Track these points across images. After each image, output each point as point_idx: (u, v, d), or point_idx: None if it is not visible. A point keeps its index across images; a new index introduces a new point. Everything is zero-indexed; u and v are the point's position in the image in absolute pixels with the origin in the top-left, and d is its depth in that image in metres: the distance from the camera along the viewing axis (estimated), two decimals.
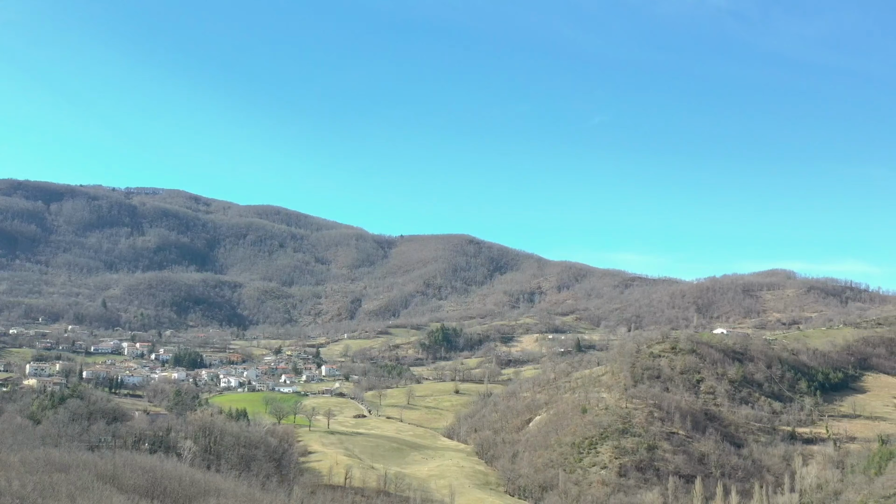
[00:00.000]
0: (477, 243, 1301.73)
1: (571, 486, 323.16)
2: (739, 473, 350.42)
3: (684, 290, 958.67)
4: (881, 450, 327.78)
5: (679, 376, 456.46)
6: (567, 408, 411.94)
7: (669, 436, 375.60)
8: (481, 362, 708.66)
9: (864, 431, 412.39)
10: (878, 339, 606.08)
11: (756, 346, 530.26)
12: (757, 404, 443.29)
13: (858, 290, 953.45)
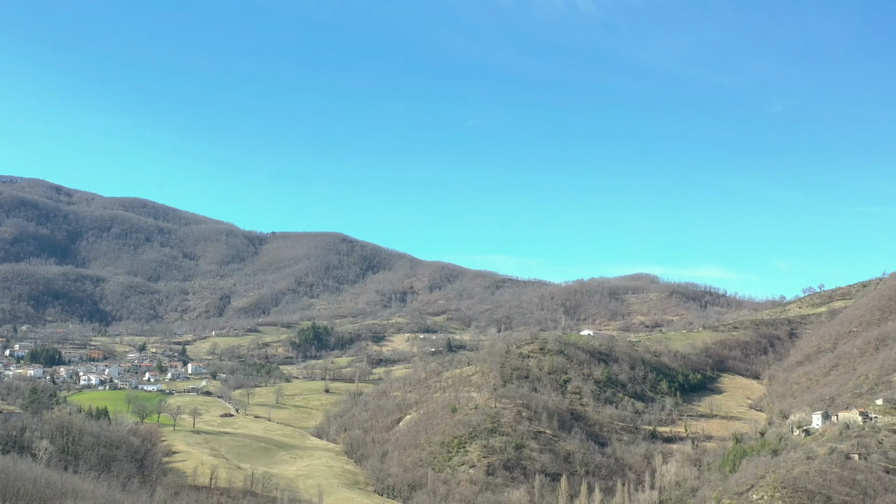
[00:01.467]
0: (350, 242, 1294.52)
1: (440, 485, 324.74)
2: (603, 471, 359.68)
3: (553, 293, 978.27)
4: (735, 448, 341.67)
5: (547, 376, 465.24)
6: (437, 407, 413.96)
7: (537, 435, 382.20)
8: (352, 361, 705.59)
9: (720, 430, 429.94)
10: (734, 342, 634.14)
11: (621, 348, 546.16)
12: (621, 404, 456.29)
13: (717, 294, 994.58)
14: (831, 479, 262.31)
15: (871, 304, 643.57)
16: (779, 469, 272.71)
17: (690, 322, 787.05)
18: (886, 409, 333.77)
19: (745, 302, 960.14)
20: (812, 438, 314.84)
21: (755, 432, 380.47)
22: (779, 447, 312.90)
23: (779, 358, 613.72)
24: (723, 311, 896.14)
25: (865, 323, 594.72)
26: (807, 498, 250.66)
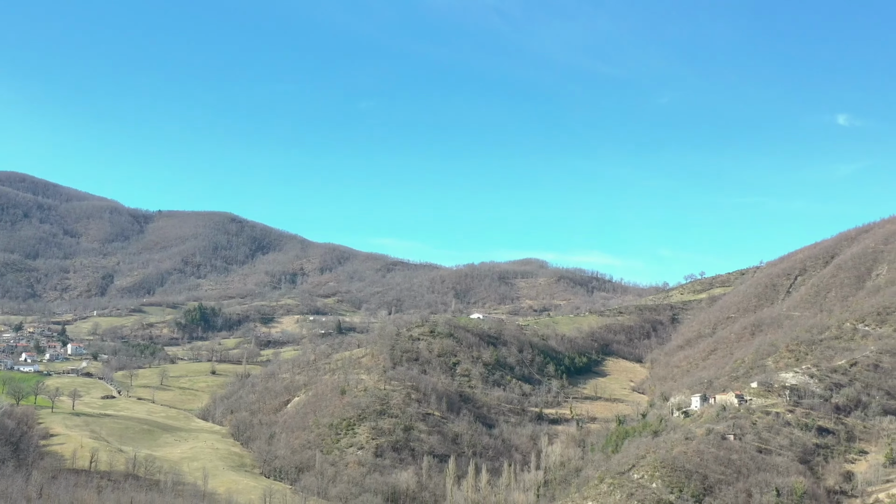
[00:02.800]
0: (239, 222, 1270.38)
1: (328, 467, 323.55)
2: (490, 452, 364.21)
3: (444, 276, 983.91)
4: (618, 429, 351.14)
5: (437, 359, 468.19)
6: (326, 389, 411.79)
7: (426, 417, 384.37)
8: (240, 343, 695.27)
9: (604, 412, 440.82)
10: (619, 326, 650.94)
11: (510, 332, 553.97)
12: (509, 386, 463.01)
13: (603, 280, 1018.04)
14: (708, 458, 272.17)
15: (749, 291, 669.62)
16: (659, 449, 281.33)
17: (577, 307, 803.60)
18: (760, 392, 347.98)
19: (630, 288, 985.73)
20: (691, 420, 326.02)
21: (637, 414, 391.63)
22: (659, 428, 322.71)
23: (661, 342, 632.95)
24: (609, 296, 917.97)
25: (743, 309, 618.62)
26: (685, 477, 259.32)
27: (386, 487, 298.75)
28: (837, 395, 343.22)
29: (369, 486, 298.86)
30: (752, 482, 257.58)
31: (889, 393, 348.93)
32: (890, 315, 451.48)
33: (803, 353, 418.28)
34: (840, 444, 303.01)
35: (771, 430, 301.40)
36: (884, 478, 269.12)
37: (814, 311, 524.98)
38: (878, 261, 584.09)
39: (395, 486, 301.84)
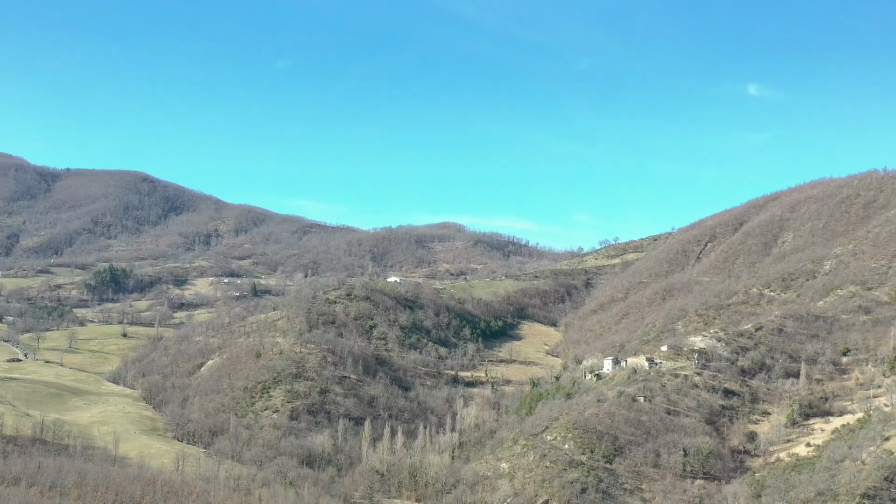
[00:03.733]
0: (151, 181, 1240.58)
1: (243, 431, 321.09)
2: (406, 415, 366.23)
3: (361, 239, 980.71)
4: (532, 392, 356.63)
5: (353, 322, 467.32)
6: (241, 352, 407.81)
7: (342, 380, 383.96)
8: (152, 305, 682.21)
9: (519, 375, 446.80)
10: (535, 290, 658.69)
11: (426, 295, 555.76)
12: (425, 350, 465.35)
13: (519, 245, 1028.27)
14: (619, 420, 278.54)
15: (661, 257, 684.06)
16: (572, 411, 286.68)
17: (494, 271, 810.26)
18: (670, 355, 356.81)
19: (546, 253, 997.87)
20: (603, 383, 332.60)
21: (551, 377, 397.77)
22: (572, 391, 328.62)
23: (575, 306, 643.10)
24: (525, 260, 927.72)
25: (655, 275, 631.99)
26: (596, 438, 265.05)
27: (301, 450, 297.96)
28: (743, 359, 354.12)
29: (284, 450, 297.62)
30: (661, 443, 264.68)
31: (791, 356, 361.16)
32: (794, 281, 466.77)
33: (712, 317, 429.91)
34: (744, 406, 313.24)
35: (679, 392, 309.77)
36: (785, 437, 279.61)
37: (722, 277, 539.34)
38: (784, 228, 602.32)
39: (310, 449, 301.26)
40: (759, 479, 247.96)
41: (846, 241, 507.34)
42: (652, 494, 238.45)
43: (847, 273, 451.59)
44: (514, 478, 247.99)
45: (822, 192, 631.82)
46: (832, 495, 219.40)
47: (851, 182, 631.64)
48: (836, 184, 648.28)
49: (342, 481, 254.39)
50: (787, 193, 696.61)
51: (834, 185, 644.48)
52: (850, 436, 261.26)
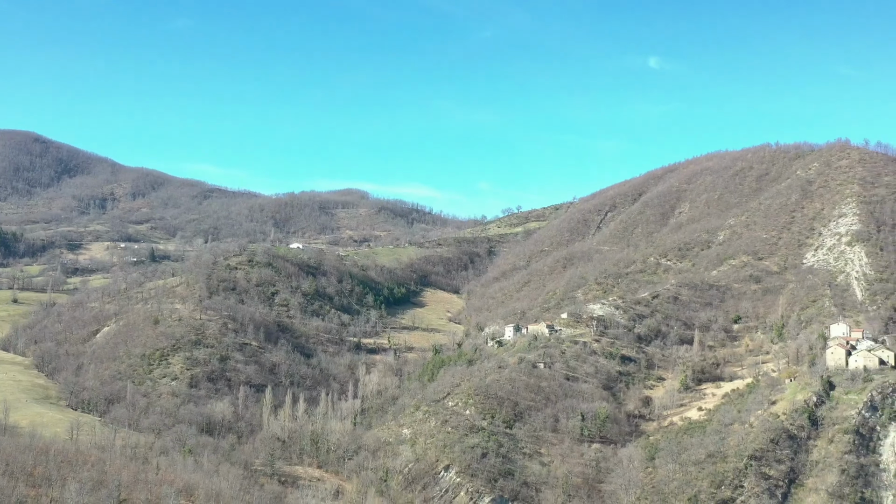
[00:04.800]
0: (44, 142, 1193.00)
1: (140, 399, 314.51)
2: (308, 382, 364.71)
3: (263, 205, 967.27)
4: (434, 358, 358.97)
5: (255, 289, 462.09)
6: (138, 319, 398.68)
7: (242, 347, 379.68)
8: (45, 270, 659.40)
9: (422, 342, 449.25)
10: (438, 258, 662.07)
11: (330, 262, 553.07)
12: (328, 316, 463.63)
13: (423, 212, 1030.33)
14: (519, 386, 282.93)
15: (562, 226, 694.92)
16: (473, 378, 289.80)
17: (397, 238, 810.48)
18: (570, 323, 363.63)
19: (450, 220, 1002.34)
20: (504, 349, 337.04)
21: (453, 344, 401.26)
22: (474, 357, 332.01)
23: (478, 274, 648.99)
24: (428, 228, 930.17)
25: (556, 243, 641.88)
26: (497, 404, 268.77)
27: (201, 418, 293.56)
28: (640, 326, 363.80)
29: (183, 417, 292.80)
30: (560, 408, 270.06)
31: (686, 324, 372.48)
32: (690, 251, 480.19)
33: (610, 285, 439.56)
34: (640, 372, 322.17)
35: (578, 358, 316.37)
36: (678, 402, 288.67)
37: (622, 246, 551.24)
38: (681, 199, 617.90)
39: (210, 417, 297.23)
40: (653, 442, 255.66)
41: (739, 213, 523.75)
42: (550, 458, 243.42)
43: (740, 243, 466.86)
44: (415, 443, 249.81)
45: (718, 165, 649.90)
46: (722, 457, 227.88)
47: (745, 155, 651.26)
48: (731, 157, 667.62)
49: (242, 449, 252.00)
50: (685, 165, 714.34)
51: (729, 158, 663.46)
52: (740, 400, 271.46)
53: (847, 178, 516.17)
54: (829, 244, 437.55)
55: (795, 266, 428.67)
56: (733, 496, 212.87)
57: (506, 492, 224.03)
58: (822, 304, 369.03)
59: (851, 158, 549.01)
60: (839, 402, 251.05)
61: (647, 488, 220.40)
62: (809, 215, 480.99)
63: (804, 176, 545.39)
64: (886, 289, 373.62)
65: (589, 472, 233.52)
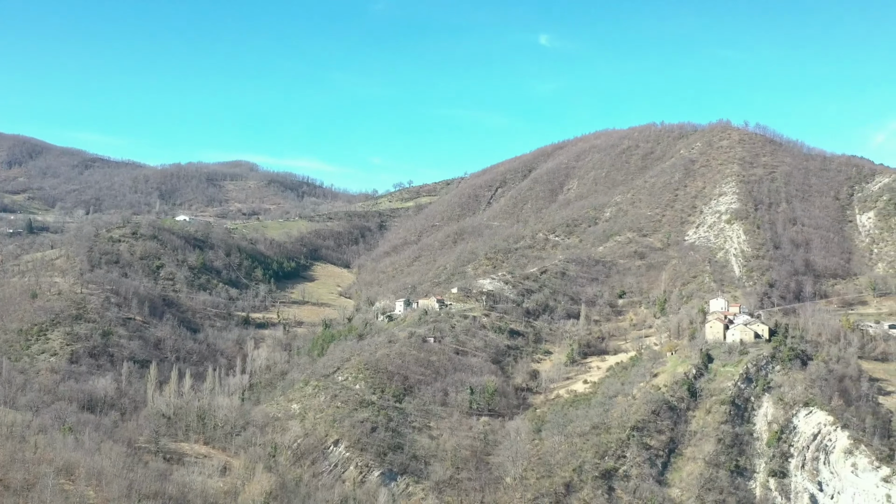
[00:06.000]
0: None
1: (17, 375, 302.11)
2: (195, 357, 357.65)
3: (148, 175, 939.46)
4: (324, 333, 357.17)
5: (139, 262, 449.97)
6: (15, 293, 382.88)
7: (126, 321, 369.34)
8: None
9: (312, 316, 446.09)
10: (328, 232, 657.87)
11: (217, 235, 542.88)
12: (215, 291, 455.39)
13: (314, 186, 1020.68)
14: (409, 360, 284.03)
15: (453, 201, 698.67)
16: (363, 352, 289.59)
17: (287, 211, 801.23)
18: (460, 297, 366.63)
19: (341, 194, 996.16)
20: (394, 324, 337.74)
21: (344, 318, 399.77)
22: (364, 332, 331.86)
23: (369, 248, 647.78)
24: (319, 201, 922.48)
25: (447, 218, 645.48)
26: (387, 378, 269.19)
27: (82, 395, 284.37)
28: (528, 301, 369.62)
29: (63, 394, 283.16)
30: (450, 381, 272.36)
31: (573, 298, 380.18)
32: (577, 227, 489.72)
33: (500, 260, 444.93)
34: (528, 346, 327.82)
35: (468, 332, 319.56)
36: (564, 375, 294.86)
37: (511, 222, 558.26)
38: (569, 176, 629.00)
39: (91, 394, 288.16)
40: (540, 414, 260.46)
41: (626, 190, 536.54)
42: (440, 432, 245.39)
43: (625, 220, 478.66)
44: (304, 418, 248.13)
45: (606, 143, 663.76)
46: (605, 428, 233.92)
47: (632, 134, 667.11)
48: (618, 135, 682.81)
49: (126, 426, 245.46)
50: (574, 143, 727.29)
51: (616, 137, 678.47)
52: (623, 373, 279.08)
53: (727, 157, 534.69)
54: (710, 222, 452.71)
55: (678, 243, 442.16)
56: (616, 466, 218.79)
57: (395, 465, 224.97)
58: (703, 279, 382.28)
59: (732, 139, 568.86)
60: (717, 375, 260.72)
61: (534, 460, 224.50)
62: (692, 193, 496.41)
63: (687, 155, 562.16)
64: (762, 265, 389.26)
65: (477, 445, 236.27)
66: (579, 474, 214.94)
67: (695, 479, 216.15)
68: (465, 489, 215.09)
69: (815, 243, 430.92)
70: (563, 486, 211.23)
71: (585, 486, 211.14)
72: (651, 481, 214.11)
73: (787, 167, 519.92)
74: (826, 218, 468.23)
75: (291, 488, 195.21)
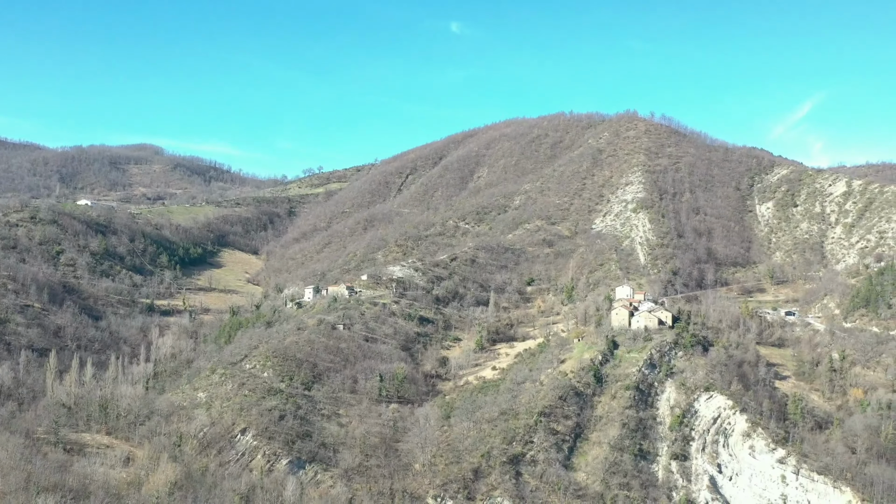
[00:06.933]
0: None
1: None
2: (97, 345, 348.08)
3: (48, 158, 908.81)
4: (232, 320, 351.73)
5: (38, 247, 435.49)
6: None
7: (24, 309, 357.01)
8: None
9: (219, 303, 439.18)
10: (236, 217, 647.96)
11: (121, 220, 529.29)
12: (118, 277, 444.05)
13: (221, 170, 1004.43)
14: (318, 347, 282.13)
15: (364, 187, 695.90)
16: (271, 339, 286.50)
17: (194, 196, 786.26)
18: (369, 284, 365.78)
19: (249, 179, 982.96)
20: (304, 311, 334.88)
21: (252, 305, 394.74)
22: (273, 319, 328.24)
23: (278, 235, 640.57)
24: (227, 187, 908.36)
25: (357, 205, 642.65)
26: (296, 366, 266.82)
27: None
28: (438, 288, 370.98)
29: None
30: (359, 369, 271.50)
31: (482, 285, 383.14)
32: (487, 214, 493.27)
33: (410, 247, 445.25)
34: (438, 333, 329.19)
35: (378, 319, 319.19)
36: (473, 362, 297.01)
37: (422, 209, 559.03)
38: (480, 164, 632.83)
39: None
40: (449, 401, 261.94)
41: (535, 179, 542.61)
42: (349, 419, 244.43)
43: (534, 208, 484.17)
44: (211, 407, 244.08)
45: (515, 131, 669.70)
46: (513, 414, 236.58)
47: (542, 123, 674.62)
48: (528, 124, 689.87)
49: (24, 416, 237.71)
50: (484, 131, 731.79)
51: (526, 125, 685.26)
52: (531, 359, 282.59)
53: (634, 147, 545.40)
54: (617, 210, 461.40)
55: (585, 231, 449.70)
56: (524, 451, 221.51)
57: (303, 454, 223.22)
58: (609, 267, 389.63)
59: (638, 130, 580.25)
60: (622, 361, 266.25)
61: (443, 446, 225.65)
62: (599, 182, 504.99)
63: (595, 145, 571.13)
64: (666, 253, 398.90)
65: (386, 432, 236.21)
66: (487, 460, 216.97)
67: (600, 463, 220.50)
68: (374, 476, 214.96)
69: (716, 232, 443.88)
70: (472, 472, 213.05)
71: (493, 471, 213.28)
72: (557, 466, 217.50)
73: (690, 158, 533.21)
74: (727, 208, 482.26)
75: (197, 478, 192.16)
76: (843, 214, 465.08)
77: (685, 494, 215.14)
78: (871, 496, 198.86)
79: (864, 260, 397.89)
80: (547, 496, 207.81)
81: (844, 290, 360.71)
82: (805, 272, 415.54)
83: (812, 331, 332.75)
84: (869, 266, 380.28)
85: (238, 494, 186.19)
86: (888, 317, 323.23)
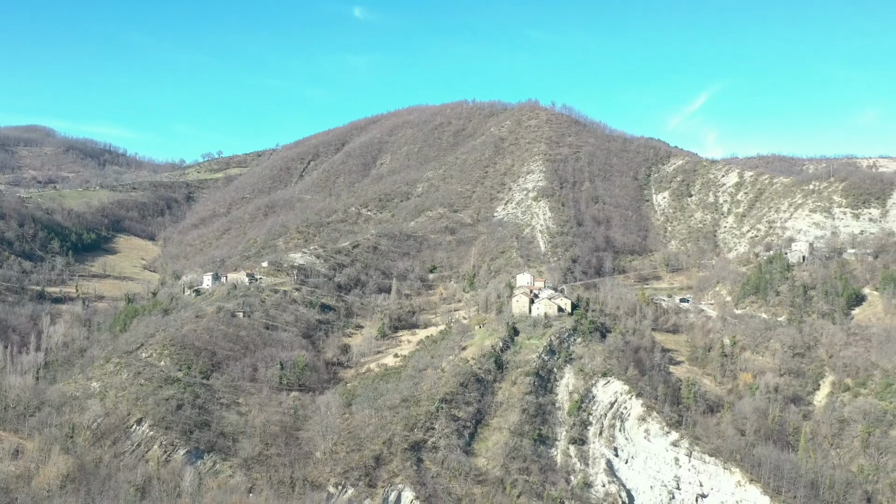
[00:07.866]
0: None
1: None
2: None
3: None
4: (127, 308, 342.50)
5: None
6: None
7: None
8: None
9: (114, 290, 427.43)
10: (132, 202, 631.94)
11: (9, 204, 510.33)
12: (7, 263, 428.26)
13: (116, 154, 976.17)
14: (217, 335, 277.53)
15: (265, 173, 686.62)
16: (169, 328, 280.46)
17: (88, 180, 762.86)
18: (270, 271, 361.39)
19: (146, 163, 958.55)
20: (202, 298, 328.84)
21: (148, 293, 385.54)
22: (170, 307, 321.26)
23: (175, 220, 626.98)
24: (122, 170, 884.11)
25: (258, 190, 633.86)
26: (194, 354, 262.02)
27: None
28: (340, 275, 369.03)
29: None
30: (259, 357, 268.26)
31: (385, 273, 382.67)
32: (390, 201, 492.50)
33: (312, 234, 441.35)
34: (340, 320, 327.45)
35: (278, 307, 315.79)
36: (375, 349, 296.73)
37: (324, 195, 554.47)
38: (382, 151, 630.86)
39: None
40: (351, 388, 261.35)
41: (438, 166, 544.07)
42: (249, 408, 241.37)
43: (437, 196, 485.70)
44: (105, 397, 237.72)
45: (419, 119, 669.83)
46: (415, 401, 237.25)
47: (445, 110, 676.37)
48: (432, 111, 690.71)
49: None
50: (387, 117, 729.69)
51: (429, 113, 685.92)
52: (433, 346, 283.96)
53: (535, 137, 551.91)
54: (518, 199, 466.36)
55: (487, 219, 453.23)
56: (425, 438, 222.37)
57: (201, 443, 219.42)
58: (510, 255, 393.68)
59: (540, 119, 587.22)
60: (522, 347, 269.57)
61: (344, 434, 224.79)
62: (501, 171, 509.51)
63: (497, 133, 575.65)
64: (566, 241, 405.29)
65: (287, 420, 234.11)
66: (389, 447, 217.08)
67: (500, 448, 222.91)
68: (275, 465, 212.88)
69: (615, 221, 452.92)
70: (373, 459, 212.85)
71: (395, 458, 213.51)
72: (458, 452, 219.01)
73: (590, 147, 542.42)
74: (625, 197, 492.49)
75: (91, 470, 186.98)
76: (735, 204, 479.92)
77: (583, 478, 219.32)
78: (759, 476, 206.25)
79: (755, 248, 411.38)
80: (448, 482, 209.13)
81: (736, 277, 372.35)
82: (699, 260, 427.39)
83: (705, 317, 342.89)
84: (759, 255, 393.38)
85: (133, 486, 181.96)
86: (776, 303, 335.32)
